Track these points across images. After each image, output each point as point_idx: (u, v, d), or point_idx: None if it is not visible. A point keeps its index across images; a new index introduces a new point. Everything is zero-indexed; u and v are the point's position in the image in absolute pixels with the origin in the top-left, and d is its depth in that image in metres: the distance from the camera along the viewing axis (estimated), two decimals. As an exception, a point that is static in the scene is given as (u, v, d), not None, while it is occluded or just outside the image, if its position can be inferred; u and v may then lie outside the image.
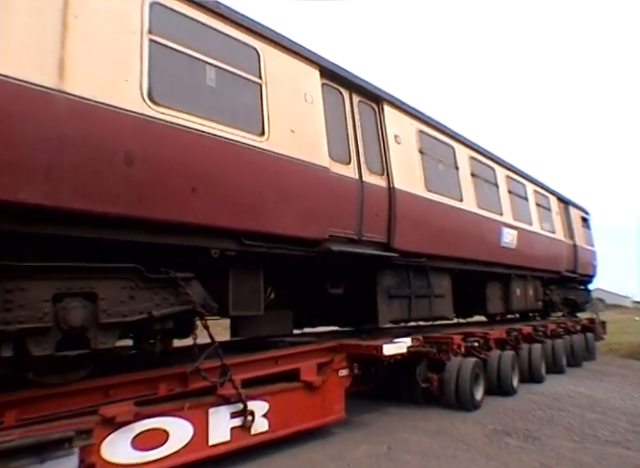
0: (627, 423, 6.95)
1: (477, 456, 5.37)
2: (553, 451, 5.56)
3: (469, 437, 6.07)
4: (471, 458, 5.31)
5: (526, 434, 6.24)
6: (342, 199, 6.02)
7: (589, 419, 7.10)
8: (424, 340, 7.50)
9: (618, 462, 5.26)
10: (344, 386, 6.37)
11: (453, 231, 8.08)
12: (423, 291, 7.64)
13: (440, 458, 5.29)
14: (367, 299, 6.80)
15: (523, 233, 10.74)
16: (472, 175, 9.01)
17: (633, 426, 6.79)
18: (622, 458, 5.39)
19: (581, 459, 5.31)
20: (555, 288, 13.47)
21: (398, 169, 6.96)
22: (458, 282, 9.47)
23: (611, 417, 7.26)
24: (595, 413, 7.50)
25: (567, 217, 14.75)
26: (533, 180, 12.26)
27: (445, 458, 5.29)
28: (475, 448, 5.65)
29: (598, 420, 7.07)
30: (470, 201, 8.70)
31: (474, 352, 8.37)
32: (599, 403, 8.23)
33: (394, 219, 6.70)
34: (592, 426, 6.71)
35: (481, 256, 8.92)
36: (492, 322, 12.86)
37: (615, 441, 6.04)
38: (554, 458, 5.33)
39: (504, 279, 10.55)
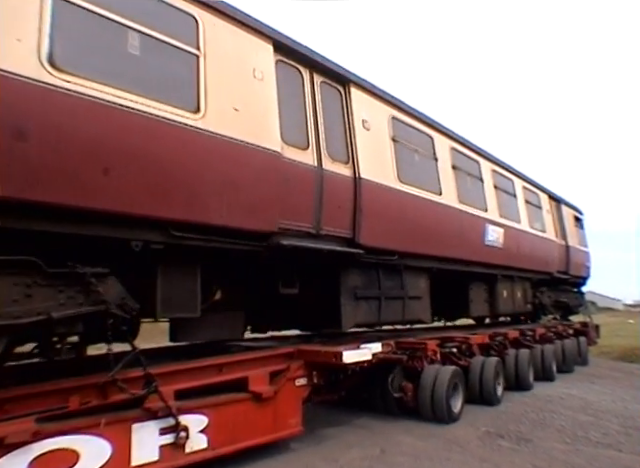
0: (619, 425, 6.95)
1: (470, 458, 5.37)
2: (545, 453, 5.57)
3: (462, 439, 6.04)
4: (464, 460, 5.31)
5: (519, 436, 6.23)
6: (296, 188, 5.38)
7: (581, 421, 7.09)
8: (396, 346, 6.86)
9: (610, 464, 5.28)
10: (301, 397, 5.72)
11: (430, 227, 7.44)
12: (395, 292, 6.99)
13: (433, 460, 5.29)
14: (329, 300, 6.16)
15: (510, 231, 10.10)
16: (453, 168, 8.37)
17: (625, 428, 6.79)
18: (613, 460, 5.41)
19: (573, 461, 5.33)
20: (546, 290, 12.81)
21: (366, 157, 6.33)
22: (439, 283, 8.86)
23: (603, 419, 7.26)
24: (587, 415, 7.49)
25: (559, 216, 14.11)
26: (522, 176, 11.62)
27: (438, 460, 5.29)
28: (468, 450, 5.64)
29: (590, 422, 7.06)
30: (450, 195, 8.06)
31: (453, 359, 7.74)
32: (591, 405, 8.21)
33: (360, 212, 6.06)
34: (584, 428, 6.70)
35: (463, 255, 8.27)
36: (479, 326, 12.24)
37: (607, 443, 6.05)
38: (546, 460, 5.34)
39: (489, 280, 9.91)
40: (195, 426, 4.67)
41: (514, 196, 10.88)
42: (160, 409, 4.37)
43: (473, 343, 8.05)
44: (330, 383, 6.53)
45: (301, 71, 5.88)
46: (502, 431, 6.46)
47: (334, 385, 6.84)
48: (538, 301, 12.20)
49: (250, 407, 5.17)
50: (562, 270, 13.52)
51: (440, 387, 6.87)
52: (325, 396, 6.97)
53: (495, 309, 9.98)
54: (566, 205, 14.83)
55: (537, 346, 10.82)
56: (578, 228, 15.72)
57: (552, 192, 13.82)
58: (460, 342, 7.84)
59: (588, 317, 15.25)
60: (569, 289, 14.71)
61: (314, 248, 5.38)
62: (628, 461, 5.41)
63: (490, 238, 9.18)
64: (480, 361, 8.29)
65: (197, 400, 4.77)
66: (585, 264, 15.53)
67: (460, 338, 7.86)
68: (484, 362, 8.30)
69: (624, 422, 7.15)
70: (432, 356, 6.88)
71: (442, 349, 7.50)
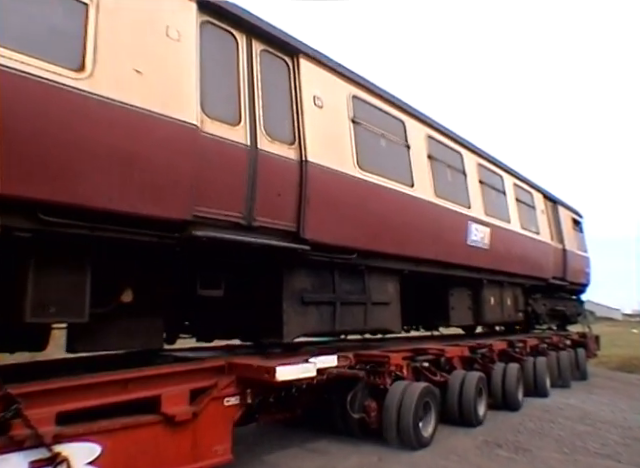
0: (617, 436, 6.87)
1: (468, 467, 5.32)
2: (543, 463, 5.52)
3: (460, 448, 5.97)
4: None
5: (517, 446, 6.17)
6: (221, 169, 4.47)
7: (579, 431, 7.00)
8: (356, 359, 5.92)
9: None
10: (232, 419, 4.77)
11: (400, 223, 6.52)
12: (355, 297, 6.05)
13: None
14: (270, 306, 5.25)
15: (498, 231, 9.15)
16: (429, 158, 7.45)
17: (623, 439, 6.71)
18: None
19: None
20: (540, 297, 11.81)
21: (316, 139, 5.43)
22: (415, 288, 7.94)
23: (601, 429, 7.17)
24: (585, 425, 7.40)
25: (555, 217, 13.14)
26: (513, 172, 10.68)
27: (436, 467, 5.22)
28: (466, 459, 5.57)
29: (588, 432, 6.97)
30: (425, 188, 7.14)
31: (427, 374, 6.79)
32: (589, 415, 8.12)
33: (306, 201, 5.15)
34: (582, 438, 6.63)
35: (441, 256, 7.33)
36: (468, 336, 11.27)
37: (605, 453, 6.00)
38: None
39: (474, 285, 8.96)
40: (82, 457, 3.73)
41: (503, 193, 9.94)
42: (28, 437, 3.46)
43: (450, 356, 7.09)
44: (280, 401, 5.64)
45: (236, 36, 4.99)
46: (500, 440, 6.37)
47: (286, 403, 5.94)
48: (531, 309, 11.21)
49: (161, 432, 4.24)
50: (558, 276, 12.53)
51: (407, 407, 5.92)
52: (275, 416, 6.10)
53: (480, 317, 9.02)
54: (563, 206, 13.86)
55: (529, 359, 9.86)
56: (577, 231, 14.74)
57: (548, 192, 12.86)
58: (435, 355, 6.88)
59: (587, 327, 14.22)
60: (567, 297, 13.69)
61: (241, 241, 4.47)
62: None
63: (474, 238, 8.24)
64: (460, 377, 7.35)
65: (86, 425, 3.85)
66: (584, 270, 14.52)
67: (434, 350, 6.90)
68: (465, 378, 7.35)
69: (623, 433, 7.05)
70: (397, 371, 5.93)
71: (413, 363, 6.55)
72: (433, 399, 6.40)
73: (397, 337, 9.77)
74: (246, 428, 6.32)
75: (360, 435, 6.22)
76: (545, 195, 12.58)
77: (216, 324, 5.72)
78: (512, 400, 8.39)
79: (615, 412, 8.62)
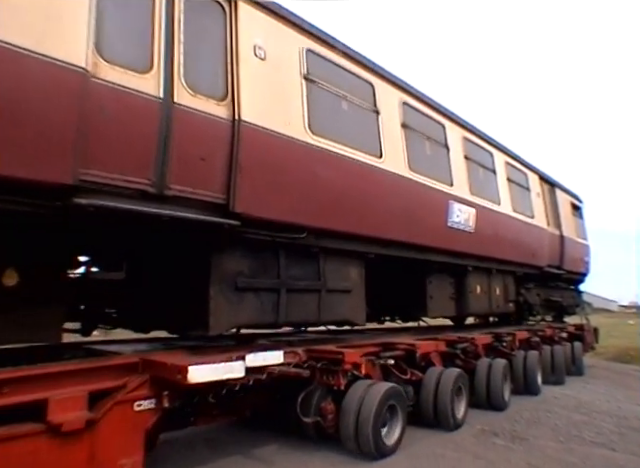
0: (612, 425, 6.96)
1: (465, 455, 5.37)
2: (540, 451, 5.60)
3: (457, 437, 6.03)
4: (459, 457, 5.30)
5: (513, 435, 6.22)
6: (120, 125, 3.63)
7: (575, 420, 7.12)
8: (308, 355, 5.13)
9: (603, 463, 5.31)
10: (144, 426, 4.01)
11: (364, 199, 5.68)
12: (306, 283, 5.23)
13: (429, 457, 5.26)
14: (194, 292, 4.44)
15: (485, 213, 8.30)
16: (403, 126, 6.58)
17: (618, 428, 6.80)
18: (607, 459, 5.44)
19: (567, 459, 5.36)
20: (533, 287, 10.96)
21: (254, 95, 4.58)
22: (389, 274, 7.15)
23: (596, 419, 7.26)
24: (581, 415, 7.52)
25: (552, 201, 12.25)
26: (505, 150, 9.78)
27: (434, 457, 5.27)
28: (463, 448, 5.63)
29: (584, 421, 7.08)
30: (396, 160, 6.28)
31: (395, 372, 6.00)
32: (585, 405, 8.24)
33: (238, 168, 4.31)
34: (578, 427, 6.72)
35: (414, 238, 6.50)
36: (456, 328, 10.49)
37: (600, 442, 6.07)
38: (541, 458, 5.36)
39: (457, 272, 8.14)
40: None
41: (493, 172, 9.06)
42: None
43: (423, 351, 6.29)
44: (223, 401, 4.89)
45: (151, -34, 4.15)
46: (497, 429, 6.42)
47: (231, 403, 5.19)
48: (523, 300, 10.37)
49: (45, 445, 3.47)
50: (555, 264, 11.68)
51: (367, 412, 5.14)
52: (217, 418, 5.38)
53: (464, 308, 8.20)
54: (562, 190, 12.97)
55: (519, 354, 9.07)
56: (576, 217, 13.84)
57: (545, 173, 11.97)
58: (405, 350, 6.08)
59: (585, 319, 13.39)
60: (563, 287, 12.83)
61: (142, 212, 3.65)
62: (621, 460, 5.41)
63: (455, 219, 7.40)
64: (436, 374, 6.57)
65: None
66: (583, 258, 13.65)
67: (404, 345, 6.09)
68: (441, 376, 6.57)
69: (618, 422, 7.17)
70: (354, 370, 5.12)
71: (379, 360, 5.75)
72: (400, 401, 5.62)
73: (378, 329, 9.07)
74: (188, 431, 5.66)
75: (317, 440, 5.52)
76: (541, 177, 11.68)
77: (140, 313, 4.92)
78: (498, 399, 7.62)
79: (610, 402, 8.73)
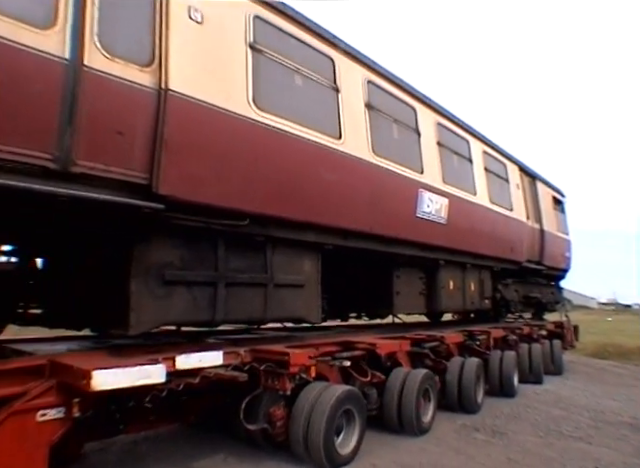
0: (589, 419, 7.19)
1: (446, 450, 5.46)
2: (519, 446, 5.73)
3: (439, 432, 6.10)
4: (440, 452, 5.40)
5: (494, 429, 6.35)
6: (11, 88, 3.07)
7: (554, 415, 7.31)
8: (252, 356, 4.62)
9: (580, 456, 5.45)
10: (48, 439, 3.47)
11: (320, 184, 5.18)
12: (250, 277, 4.70)
13: (411, 452, 5.33)
14: (114, 286, 3.91)
15: (459, 204, 7.85)
16: (367, 107, 6.08)
17: (595, 422, 7.03)
18: (584, 452, 5.59)
19: (545, 453, 5.49)
20: (512, 283, 10.56)
21: (187, 63, 4.03)
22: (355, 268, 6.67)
23: (575, 413, 7.48)
24: (560, 410, 7.73)
25: (533, 194, 11.86)
26: (482, 138, 9.34)
27: (416, 452, 5.34)
28: (445, 442, 5.73)
29: (562, 416, 7.28)
30: (358, 143, 5.78)
31: (354, 374, 5.53)
32: (564, 400, 8.47)
33: (164, 145, 3.76)
34: (556, 422, 6.91)
35: (378, 228, 6.00)
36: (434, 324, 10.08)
37: (578, 436, 6.25)
38: (520, 452, 5.48)
39: (428, 267, 7.69)
40: None
41: (469, 161, 8.61)
42: None
43: (386, 351, 5.81)
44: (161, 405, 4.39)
45: None
46: (478, 424, 6.55)
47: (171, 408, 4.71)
48: (500, 296, 9.97)
49: None
50: (534, 259, 11.30)
51: (317, 417, 4.67)
52: (154, 424, 4.90)
53: (435, 304, 7.75)
54: (543, 182, 12.59)
55: (494, 353, 8.66)
56: (557, 211, 13.49)
57: (525, 165, 11.57)
58: (365, 350, 5.60)
59: (565, 316, 13.06)
60: (543, 283, 12.48)
61: (36, 191, 3.09)
62: (597, 453, 5.58)
63: (426, 209, 6.92)
64: (401, 376, 6.11)
65: None
66: (564, 254, 13.32)
67: (365, 345, 5.61)
68: (407, 377, 6.12)
69: (595, 416, 7.40)
70: (302, 373, 4.62)
71: (334, 361, 5.26)
72: (358, 406, 5.14)
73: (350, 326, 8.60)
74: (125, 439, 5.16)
75: (268, 448, 5.05)
76: (522, 168, 11.27)
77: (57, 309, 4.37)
78: (469, 401, 7.20)
79: (588, 397, 8.95)
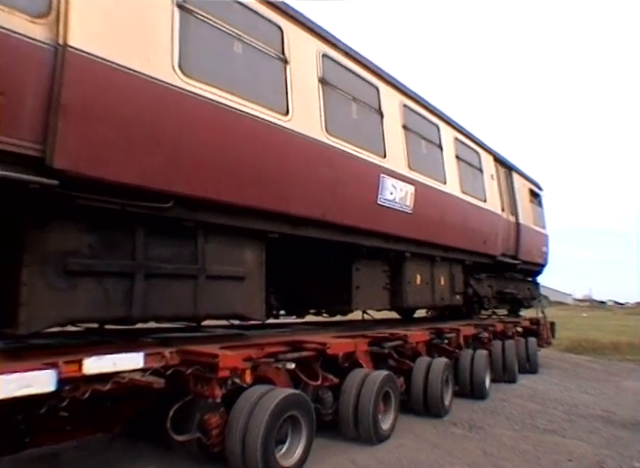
0: (563, 412, 7.42)
1: (424, 445, 5.54)
2: (495, 439, 5.85)
3: (417, 427, 6.13)
4: (418, 447, 5.45)
5: (470, 424, 6.45)
6: None
7: (529, 409, 7.48)
8: (181, 358, 4.09)
9: (554, 449, 5.63)
10: None
11: (263, 164, 4.66)
12: (176, 267, 4.15)
13: (387, 446, 5.37)
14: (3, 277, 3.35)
15: (427, 192, 7.39)
16: (322, 82, 5.57)
17: (568, 415, 7.26)
18: (557, 445, 5.77)
19: (521, 447, 5.65)
20: (485, 278, 10.17)
21: (93, 16, 3.45)
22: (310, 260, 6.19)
23: (549, 407, 7.70)
24: (535, 403, 7.93)
25: (509, 186, 11.50)
26: (454, 124, 8.90)
27: (393, 446, 5.39)
28: (422, 437, 5.80)
29: (537, 410, 7.46)
30: (308, 121, 5.26)
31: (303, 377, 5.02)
32: (539, 394, 8.70)
33: (61, 110, 3.19)
34: (532, 416, 7.10)
35: (332, 215, 5.50)
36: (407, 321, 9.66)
37: (552, 429, 6.43)
38: (496, 446, 5.64)
39: (392, 259, 7.22)
40: None
41: (439, 147, 8.16)
42: None
43: (338, 352, 5.31)
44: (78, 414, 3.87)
45: None
46: (455, 419, 6.65)
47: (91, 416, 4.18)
48: (472, 291, 9.57)
49: None
50: (509, 253, 10.94)
51: (255, 426, 4.16)
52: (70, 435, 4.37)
53: (400, 300, 7.27)
54: (519, 174, 12.24)
55: (465, 352, 8.26)
56: (534, 205, 13.18)
57: (501, 155, 11.19)
58: (315, 350, 5.09)
59: (541, 313, 12.75)
60: (519, 278, 12.13)
61: None
62: (570, 446, 5.76)
63: (389, 197, 6.44)
64: (358, 379, 5.64)
65: None
66: (541, 249, 13.00)
67: (315, 345, 5.10)
68: (365, 380, 5.64)
69: (569, 410, 7.64)
70: (234, 378, 4.10)
71: (276, 363, 4.74)
72: (304, 412, 4.65)
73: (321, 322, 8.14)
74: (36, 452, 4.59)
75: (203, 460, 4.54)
76: (497, 158, 10.87)
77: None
78: (435, 404, 6.75)
79: (563, 391, 9.22)
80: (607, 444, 5.96)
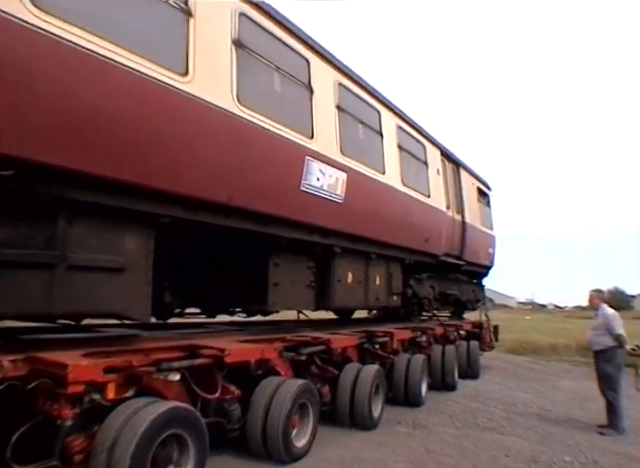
0: (503, 411, 7.82)
1: (369, 443, 5.69)
2: (438, 437, 6.14)
3: (362, 425, 6.13)
4: (363, 445, 5.57)
5: (415, 422, 6.71)
6: None
7: (471, 408, 7.84)
8: (30, 368, 3.29)
9: (492, 446, 5.94)
10: None
11: (150, 131, 3.89)
12: (20, 253, 3.33)
13: (333, 444, 5.47)
14: None
15: (361, 181, 6.79)
16: (236, 44, 4.84)
17: (507, 413, 7.66)
18: (496, 442, 6.11)
19: (462, 444, 5.92)
20: (427, 278, 9.72)
21: None
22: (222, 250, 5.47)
23: (490, 406, 8.09)
24: (477, 402, 8.29)
25: (456, 182, 11.12)
26: (398, 112, 8.34)
27: (338, 445, 5.49)
28: (367, 436, 5.96)
29: (479, 409, 7.83)
30: (215, 86, 4.49)
31: (196, 390, 4.28)
32: (481, 394, 9.06)
33: None
34: (473, 414, 7.43)
35: (243, 200, 4.77)
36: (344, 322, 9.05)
37: (491, 427, 6.82)
38: (438, 443, 5.89)
39: (320, 255, 6.56)
40: None
41: (378, 134, 7.58)
42: None
43: (238, 360, 4.59)
44: None
45: None
46: (400, 418, 6.86)
47: None
48: (412, 292, 9.07)
49: None
50: (454, 253, 10.56)
51: (123, 449, 3.40)
52: None
53: (328, 300, 6.62)
54: (468, 172, 11.89)
55: (401, 357, 7.73)
56: (482, 204, 12.90)
57: (449, 150, 10.79)
58: (212, 357, 4.36)
59: (485, 315, 12.47)
60: (464, 279, 11.79)
61: None
62: (508, 442, 6.09)
63: (315, 183, 5.78)
64: (270, 390, 4.96)
65: None
66: (487, 250, 12.73)
67: (213, 351, 4.36)
68: (276, 391, 4.96)
69: (508, 408, 8.08)
70: (92, 394, 3.32)
71: (157, 374, 3.96)
72: (192, 430, 3.92)
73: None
74: None
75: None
76: (444, 153, 10.45)
77: None
78: (363, 416, 6.17)
79: (503, 390, 9.69)
80: (542, 440, 6.35)
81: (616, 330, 6.95)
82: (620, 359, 7.07)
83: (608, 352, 7.01)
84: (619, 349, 7.00)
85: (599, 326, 7.18)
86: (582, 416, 7.84)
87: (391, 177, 7.68)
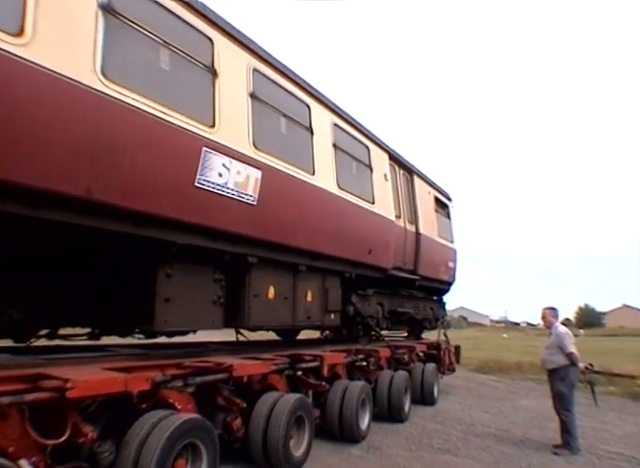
0: (460, 432, 7.84)
1: (319, 466, 5.64)
2: (390, 460, 6.05)
3: (314, 447, 5.92)
4: None
5: (369, 444, 6.69)
6: None
7: (429, 429, 7.86)
8: None
9: None
10: None
11: None
12: None
13: None
14: None
15: (282, 181, 6.04)
16: (103, 10, 4.13)
17: (465, 434, 7.68)
18: (449, 464, 6.05)
19: (413, 467, 5.85)
20: (373, 294, 8.97)
21: None
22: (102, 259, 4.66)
23: (448, 426, 8.12)
24: (435, 423, 8.33)
25: (408, 191, 10.50)
26: (334, 108, 7.70)
27: None
28: (318, 458, 5.86)
29: (436, 430, 7.85)
30: (64, 49, 3.72)
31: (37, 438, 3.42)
32: (441, 414, 9.09)
33: None
34: (430, 435, 7.45)
35: (110, 195, 3.97)
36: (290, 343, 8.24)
37: (446, 448, 6.75)
38: (390, 466, 5.82)
39: (230, 265, 5.76)
40: None
41: (307, 130, 6.90)
42: None
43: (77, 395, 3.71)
44: None
45: None
46: None
47: None
48: (354, 310, 8.29)
49: None
50: (407, 268, 9.87)
51: None
52: None
53: (241, 318, 5.80)
54: (422, 179, 11.30)
55: (337, 385, 6.92)
56: (441, 215, 12.31)
57: (399, 154, 10.19)
58: (53, 390, 3.50)
59: (444, 336, 11.72)
60: (420, 296, 11.08)
61: None
62: (461, 465, 6.07)
63: (216, 180, 5.00)
64: (146, 428, 4.11)
65: None
66: (447, 264, 12.09)
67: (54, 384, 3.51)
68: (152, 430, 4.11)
69: (466, 429, 8.04)
70: None
71: None
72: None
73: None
74: None
75: None
76: (393, 157, 9.83)
77: None
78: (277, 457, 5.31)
79: (464, 410, 9.70)
80: (495, 462, 6.27)
81: (568, 348, 6.81)
82: (573, 377, 6.93)
83: (561, 371, 6.92)
84: (572, 367, 6.86)
85: (552, 345, 7.05)
86: (539, 436, 7.78)
87: (323, 179, 6.97)
